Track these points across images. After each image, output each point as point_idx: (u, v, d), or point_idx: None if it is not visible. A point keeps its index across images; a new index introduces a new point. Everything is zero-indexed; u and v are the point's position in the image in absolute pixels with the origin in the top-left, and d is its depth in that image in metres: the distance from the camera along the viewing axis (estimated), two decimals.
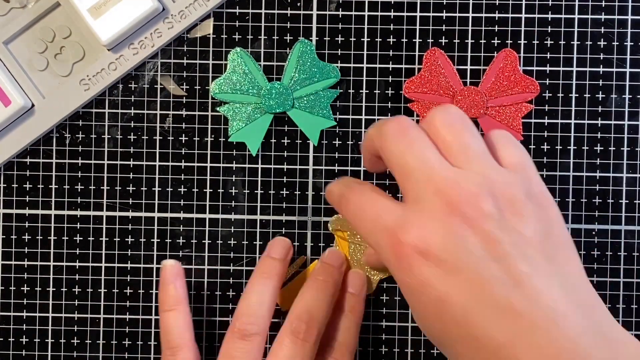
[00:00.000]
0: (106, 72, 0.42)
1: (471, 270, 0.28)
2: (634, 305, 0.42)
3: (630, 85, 0.42)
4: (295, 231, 0.42)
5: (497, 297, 0.28)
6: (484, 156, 0.31)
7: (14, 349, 0.43)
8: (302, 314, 0.38)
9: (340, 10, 0.42)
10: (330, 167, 0.42)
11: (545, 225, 0.30)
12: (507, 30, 0.42)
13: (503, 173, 0.31)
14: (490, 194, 0.29)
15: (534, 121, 0.42)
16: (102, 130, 0.43)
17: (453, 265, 0.28)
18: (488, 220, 0.29)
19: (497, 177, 0.30)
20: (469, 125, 0.32)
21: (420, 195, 0.30)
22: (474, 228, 0.29)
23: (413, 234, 0.29)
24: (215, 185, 0.43)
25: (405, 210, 0.30)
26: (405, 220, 0.30)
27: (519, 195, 0.30)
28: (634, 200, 0.42)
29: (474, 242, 0.29)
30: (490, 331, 0.28)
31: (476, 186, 0.30)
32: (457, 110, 0.32)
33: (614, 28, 0.42)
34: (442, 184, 0.30)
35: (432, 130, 0.32)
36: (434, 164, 0.30)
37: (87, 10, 0.40)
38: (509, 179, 0.30)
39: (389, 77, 0.42)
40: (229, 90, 0.42)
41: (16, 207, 0.43)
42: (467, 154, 0.31)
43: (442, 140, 0.31)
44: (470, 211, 0.29)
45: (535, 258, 0.29)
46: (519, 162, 0.32)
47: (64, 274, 0.43)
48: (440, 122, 0.31)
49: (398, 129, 0.32)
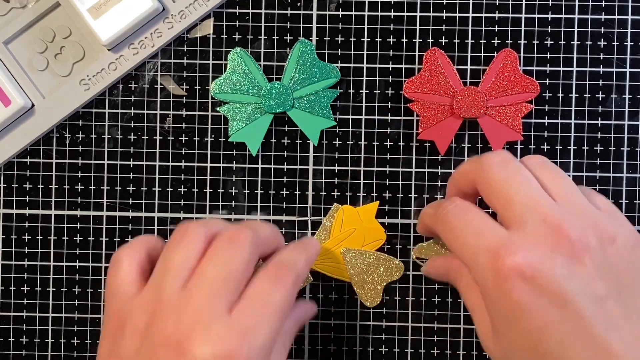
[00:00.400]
0: (106, 72, 0.42)
1: (576, 304, 0.28)
2: None
3: (630, 85, 0.42)
4: (296, 231, 0.42)
5: (596, 336, 0.28)
6: (582, 196, 0.32)
7: (14, 349, 0.43)
8: (286, 260, 0.34)
9: (340, 10, 0.42)
10: (330, 167, 0.42)
11: (637, 267, 0.30)
12: (507, 30, 0.42)
13: (602, 214, 0.31)
14: (594, 229, 0.30)
15: (534, 121, 0.42)
16: (102, 130, 0.43)
17: (559, 296, 0.28)
18: (594, 255, 0.29)
19: (598, 216, 0.31)
20: (560, 169, 0.33)
21: (526, 221, 0.30)
22: (582, 262, 0.29)
23: (520, 257, 0.29)
24: (215, 185, 0.43)
25: (511, 233, 0.30)
26: (511, 242, 0.30)
27: (619, 236, 0.30)
28: (634, 200, 0.42)
29: (581, 277, 0.29)
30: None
31: (582, 220, 0.30)
32: (545, 158, 0.34)
33: (614, 28, 0.42)
34: (549, 212, 0.30)
35: (531, 167, 0.33)
36: (539, 194, 0.31)
37: (87, 10, 0.40)
38: (608, 219, 0.31)
39: (389, 77, 0.42)
40: (229, 90, 0.42)
41: (16, 207, 0.43)
42: (567, 192, 0.31)
43: (541, 177, 0.32)
44: (578, 243, 0.29)
45: (629, 302, 0.29)
46: (611, 208, 0.33)
47: (64, 274, 0.43)
48: (536, 161, 0.33)
49: (502, 159, 0.33)
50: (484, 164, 0.33)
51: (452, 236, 0.33)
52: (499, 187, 0.32)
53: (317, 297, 0.42)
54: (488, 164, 0.33)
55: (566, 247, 0.29)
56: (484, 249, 0.30)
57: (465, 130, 0.42)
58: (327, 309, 0.43)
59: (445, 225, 0.33)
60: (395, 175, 0.42)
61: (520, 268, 0.29)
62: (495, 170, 0.32)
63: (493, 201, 0.32)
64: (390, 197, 0.42)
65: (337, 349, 0.43)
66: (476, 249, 0.31)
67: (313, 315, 0.40)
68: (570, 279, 0.29)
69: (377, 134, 0.42)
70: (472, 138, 0.42)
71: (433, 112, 0.41)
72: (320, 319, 0.42)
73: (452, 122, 0.41)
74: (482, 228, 0.31)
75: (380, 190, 0.42)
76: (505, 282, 0.29)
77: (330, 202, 0.42)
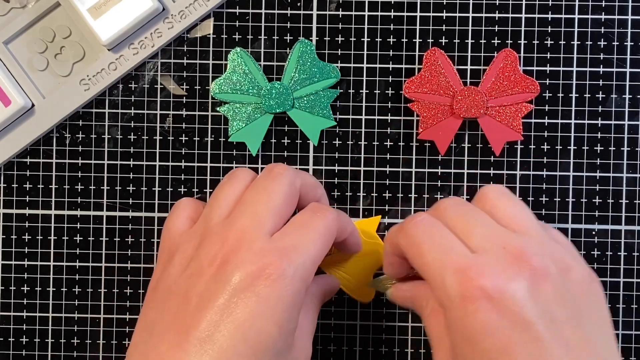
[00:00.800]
0: (106, 72, 0.42)
1: (537, 327, 0.29)
2: (634, 305, 0.42)
3: (630, 85, 0.42)
4: None
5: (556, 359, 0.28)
6: (540, 228, 0.32)
7: (14, 349, 0.43)
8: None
9: (340, 10, 0.42)
10: (330, 167, 0.42)
11: (592, 300, 0.31)
12: (507, 30, 0.42)
13: (559, 246, 0.32)
14: (552, 258, 0.31)
15: (534, 121, 0.42)
16: (102, 130, 0.43)
17: (521, 319, 0.29)
18: (554, 281, 0.30)
19: (555, 247, 0.32)
20: (518, 199, 0.34)
21: (487, 249, 0.31)
22: (543, 287, 0.29)
23: (487, 279, 0.29)
24: (215, 185, 0.43)
25: (477, 255, 0.31)
26: (478, 264, 0.30)
27: (575, 268, 0.31)
28: (634, 200, 0.42)
29: (542, 301, 0.29)
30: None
31: (541, 248, 0.31)
32: (504, 187, 0.34)
33: (614, 28, 0.42)
34: (508, 241, 0.31)
35: (487, 203, 0.33)
36: (497, 225, 0.32)
37: (87, 10, 0.40)
38: (565, 251, 0.32)
39: (389, 77, 0.42)
40: (229, 90, 0.42)
41: (16, 207, 0.43)
42: (525, 223, 0.32)
43: (499, 211, 0.33)
44: (539, 269, 0.30)
45: (587, 328, 0.30)
46: (567, 243, 0.34)
47: (64, 274, 0.43)
48: (493, 195, 0.33)
49: (455, 202, 0.34)
50: (438, 208, 0.34)
51: (418, 252, 0.32)
52: (459, 222, 0.32)
53: None
54: (444, 206, 0.33)
55: (528, 272, 0.30)
56: (451, 269, 0.30)
57: (465, 130, 0.42)
58: (327, 309, 0.43)
59: (411, 240, 0.33)
60: (395, 175, 0.42)
61: (487, 289, 0.29)
62: (451, 210, 0.33)
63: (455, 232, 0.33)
64: (390, 197, 0.42)
65: (337, 349, 0.43)
66: (443, 268, 0.31)
67: (336, 290, 0.40)
68: (533, 303, 0.29)
69: (377, 134, 0.42)
70: (472, 138, 0.42)
71: (433, 112, 0.41)
72: (321, 319, 0.42)
73: (452, 122, 0.41)
74: (449, 247, 0.32)
75: (380, 190, 0.42)
76: (472, 303, 0.29)
77: (331, 202, 0.42)
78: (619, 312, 0.42)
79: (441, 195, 0.42)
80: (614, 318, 0.42)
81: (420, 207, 0.42)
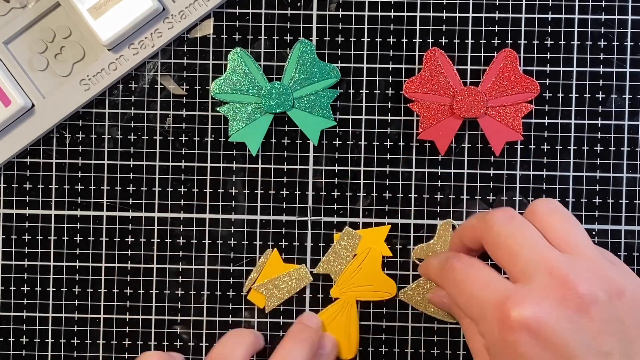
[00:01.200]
0: (106, 72, 0.42)
1: (580, 359, 0.28)
2: None
3: (630, 85, 0.42)
4: (296, 231, 0.42)
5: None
6: (592, 246, 0.31)
7: (14, 349, 0.43)
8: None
9: (340, 10, 0.42)
10: (330, 167, 0.42)
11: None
12: (507, 30, 0.42)
13: (611, 266, 0.31)
14: (602, 281, 0.29)
15: (534, 121, 0.42)
16: (102, 130, 0.43)
17: (563, 351, 0.28)
18: (601, 308, 0.29)
19: (607, 268, 0.30)
20: (571, 215, 0.32)
21: (532, 274, 0.30)
22: (588, 316, 0.29)
23: (526, 310, 0.29)
24: (215, 185, 0.43)
25: (517, 286, 0.30)
26: (517, 295, 0.30)
27: (627, 289, 0.30)
28: (634, 200, 0.42)
29: (587, 332, 0.28)
30: None
31: (590, 272, 0.30)
32: (556, 202, 0.33)
33: (614, 28, 0.42)
34: (555, 264, 0.30)
35: (537, 219, 0.32)
36: (544, 246, 0.31)
37: (87, 10, 0.40)
38: (617, 272, 0.31)
39: (389, 77, 0.42)
40: (229, 90, 0.42)
41: (16, 207, 0.43)
42: (576, 241, 0.31)
43: (549, 229, 0.32)
44: (585, 296, 0.29)
45: (634, 358, 0.29)
46: (620, 262, 0.33)
47: (64, 274, 0.43)
48: (544, 211, 0.32)
49: (505, 215, 0.32)
50: (488, 221, 0.33)
51: (459, 291, 0.33)
52: (505, 242, 0.32)
53: (317, 297, 0.42)
54: (493, 220, 0.33)
55: (573, 300, 0.29)
56: (491, 302, 0.30)
57: (465, 130, 0.42)
58: None
59: (451, 282, 0.34)
60: (395, 175, 0.42)
61: (526, 321, 0.29)
62: (500, 226, 0.32)
63: (499, 257, 0.32)
64: (390, 197, 0.42)
65: None
66: (483, 302, 0.31)
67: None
68: (576, 333, 0.28)
69: (377, 134, 0.42)
70: (472, 138, 0.42)
71: (433, 112, 0.41)
72: None
73: (452, 122, 0.41)
74: (488, 281, 0.31)
75: (380, 190, 0.42)
76: (511, 335, 0.29)
77: (331, 202, 0.42)
78: None
79: (453, 196, 0.42)
80: None
81: (420, 207, 0.42)
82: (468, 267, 0.33)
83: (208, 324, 0.43)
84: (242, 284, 0.42)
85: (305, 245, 0.43)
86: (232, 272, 0.43)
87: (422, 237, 0.42)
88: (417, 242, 0.42)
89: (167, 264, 0.43)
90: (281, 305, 0.42)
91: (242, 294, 0.42)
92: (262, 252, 0.42)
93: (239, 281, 0.43)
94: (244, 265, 0.42)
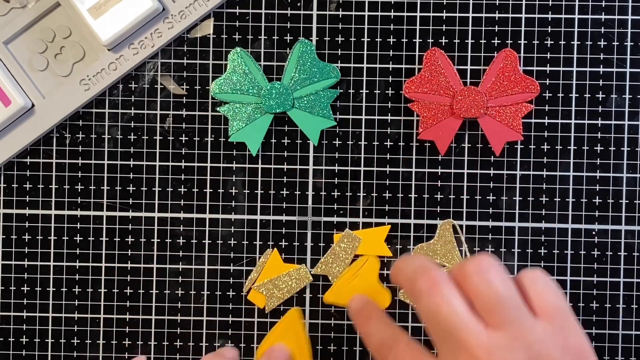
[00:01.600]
0: (106, 72, 0.42)
1: None
2: (634, 305, 0.42)
3: (630, 85, 0.42)
4: (296, 231, 0.42)
5: None
6: (518, 312, 0.31)
7: (14, 349, 0.43)
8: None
9: (340, 10, 0.42)
10: (330, 167, 0.42)
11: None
12: (507, 30, 0.42)
13: (538, 331, 0.30)
14: (526, 357, 0.29)
15: (534, 121, 0.42)
16: (102, 130, 0.43)
17: None
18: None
19: (532, 337, 0.30)
20: (500, 273, 0.31)
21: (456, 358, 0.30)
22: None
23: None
24: (215, 185, 0.43)
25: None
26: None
27: (555, 355, 0.30)
28: (634, 200, 0.42)
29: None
30: None
31: (511, 353, 0.29)
32: (488, 258, 0.32)
33: (614, 28, 0.42)
34: (476, 352, 0.29)
35: (464, 278, 0.31)
36: (467, 326, 0.30)
37: (87, 10, 0.40)
38: (544, 336, 0.30)
39: (389, 77, 0.42)
40: (229, 90, 0.42)
41: (16, 207, 0.43)
42: (501, 311, 0.30)
43: (474, 291, 0.31)
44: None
45: None
46: (556, 312, 0.31)
47: (64, 274, 0.43)
48: (472, 269, 0.31)
49: (430, 284, 0.31)
50: (414, 284, 0.32)
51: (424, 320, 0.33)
52: (428, 315, 0.31)
53: (317, 297, 0.42)
54: (417, 286, 0.32)
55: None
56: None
57: (465, 130, 0.42)
58: (327, 309, 0.43)
59: (417, 306, 0.33)
60: (395, 175, 0.42)
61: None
62: (424, 295, 0.32)
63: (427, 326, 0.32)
64: (390, 197, 0.42)
65: (337, 349, 0.43)
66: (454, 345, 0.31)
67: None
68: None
69: (377, 134, 0.42)
70: (472, 138, 0.42)
71: (433, 112, 0.41)
72: (321, 319, 0.43)
73: (452, 122, 0.41)
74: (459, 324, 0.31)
75: (380, 190, 0.42)
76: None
77: (331, 202, 0.42)
78: (619, 312, 0.42)
79: (453, 196, 0.42)
80: (614, 318, 0.42)
81: (420, 207, 0.42)
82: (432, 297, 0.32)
83: (208, 324, 0.43)
84: (242, 284, 0.42)
85: (305, 245, 0.43)
86: (232, 272, 0.43)
87: (422, 237, 0.42)
88: (417, 242, 0.42)
89: (167, 264, 0.43)
90: (281, 305, 0.42)
91: (242, 294, 0.42)
92: (262, 252, 0.42)
93: (239, 281, 0.43)
94: (244, 265, 0.42)
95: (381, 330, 0.35)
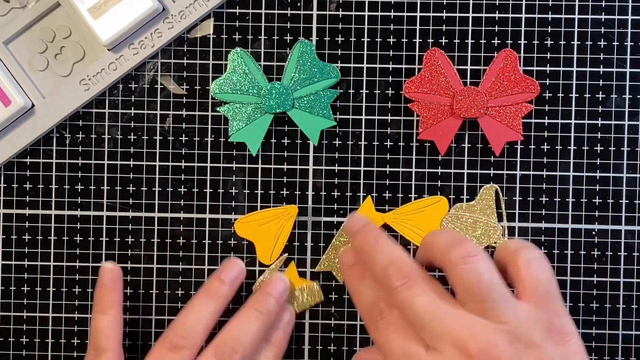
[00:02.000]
0: (106, 72, 0.42)
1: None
2: (634, 305, 0.42)
3: (630, 85, 0.42)
4: (296, 231, 0.42)
5: None
6: (501, 298, 0.31)
7: (14, 349, 0.43)
8: (230, 340, 0.38)
9: (340, 10, 0.42)
10: (330, 167, 0.42)
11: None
12: (507, 30, 0.42)
13: (522, 315, 0.31)
14: (508, 341, 0.30)
15: (534, 121, 0.42)
16: (102, 130, 0.43)
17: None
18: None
19: (515, 321, 0.30)
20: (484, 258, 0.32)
21: (438, 346, 0.30)
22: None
23: None
24: (215, 185, 0.43)
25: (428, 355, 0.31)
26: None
27: (538, 338, 0.30)
28: (634, 200, 0.42)
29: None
30: None
31: (494, 335, 0.30)
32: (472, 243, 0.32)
33: (614, 28, 0.42)
34: (459, 334, 0.30)
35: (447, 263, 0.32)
36: (449, 312, 0.31)
37: (87, 10, 0.40)
38: (528, 319, 0.31)
39: (389, 77, 0.42)
40: (229, 90, 0.42)
41: (16, 207, 0.43)
42: (484, 297, 0.31)
43: (458, 278, 0.32)
44: None
45: None
46: (544, 294, 0.32)
47: (64, 274, 0.43)
48: (456, 256, 0.32)
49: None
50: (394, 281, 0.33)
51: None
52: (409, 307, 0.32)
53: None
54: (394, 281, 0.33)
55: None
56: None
57: (465, 130, 0.42)
58: (327, 309, 0.43)
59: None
60: (395, 175, 0.42)
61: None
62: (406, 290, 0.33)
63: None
64: (390, 197, 0.42)
65: (337, 349, 0.43)
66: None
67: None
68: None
69: (377, 134, 0.42)
70: (472, 138, 0.42)
71: (433, 112, 0.41)
72: (320, 319, 0.43)
73: (452, 122, 0.41)
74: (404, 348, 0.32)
75: (380, 190, 0.42)
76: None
77: (331, 202, 0.42)
78: (619, 312, 0.42)
79: (453, 196, 0.42)
80: (614, 318, 0.42)
81: None
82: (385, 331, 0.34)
83: None
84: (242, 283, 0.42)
85: (305, 245, 0.43)
86: None
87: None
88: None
89: (167, 264, 0.43)
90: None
91: (242, 294, 0.42)
92: None
93: None
94: (244, 266, 0.42)
95: (375, 290, 0.35)
